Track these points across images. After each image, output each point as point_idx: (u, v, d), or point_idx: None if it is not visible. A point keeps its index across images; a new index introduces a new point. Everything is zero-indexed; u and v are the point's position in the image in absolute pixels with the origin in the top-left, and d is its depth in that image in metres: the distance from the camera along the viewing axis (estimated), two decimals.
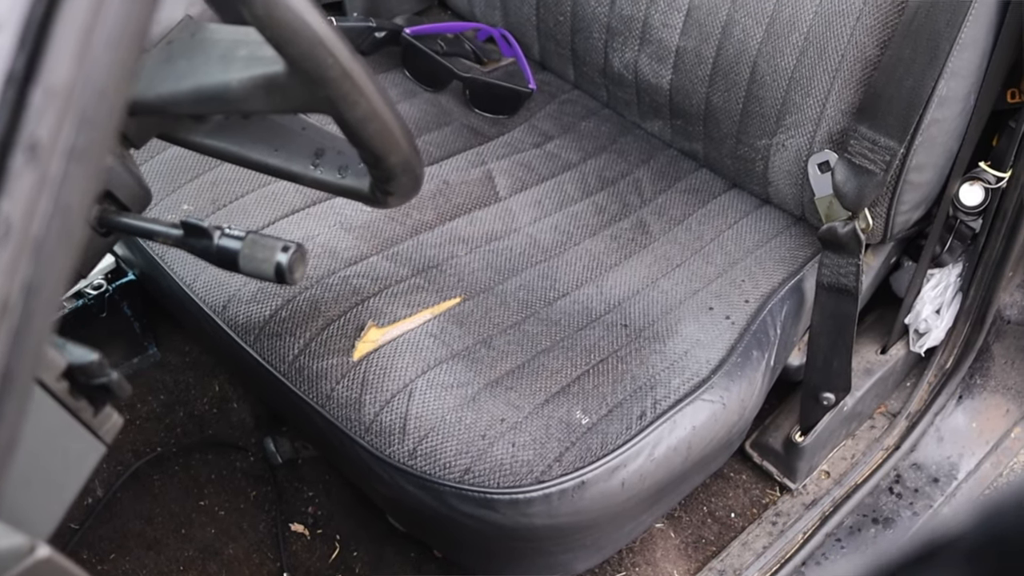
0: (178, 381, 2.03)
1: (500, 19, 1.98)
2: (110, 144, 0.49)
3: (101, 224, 1.03)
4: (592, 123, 1.91)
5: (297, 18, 0.84)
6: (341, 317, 1.47)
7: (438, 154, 1.78)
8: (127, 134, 1.08)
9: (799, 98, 1.58)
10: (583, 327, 1.52)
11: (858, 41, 1.51)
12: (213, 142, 1.13)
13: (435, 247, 1.60)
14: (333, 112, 0.92)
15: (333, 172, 1.10)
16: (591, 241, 1.67)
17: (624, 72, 1.81)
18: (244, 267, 0.98)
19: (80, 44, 0.44)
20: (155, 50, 1.04)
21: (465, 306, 1.52)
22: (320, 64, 0.87)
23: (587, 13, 1.80)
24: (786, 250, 1.69)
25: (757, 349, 1.54)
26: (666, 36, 1.71)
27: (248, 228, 1.57)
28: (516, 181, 1.76)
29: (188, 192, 1.63)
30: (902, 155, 1.51)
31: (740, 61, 1.63)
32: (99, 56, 0.45)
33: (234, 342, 1.50)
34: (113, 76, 0.46)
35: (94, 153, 0.47)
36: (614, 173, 1.81)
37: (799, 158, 1.63)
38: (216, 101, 0.98)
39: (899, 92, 1.47)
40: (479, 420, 1.36)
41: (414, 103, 1.88)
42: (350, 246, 1.57)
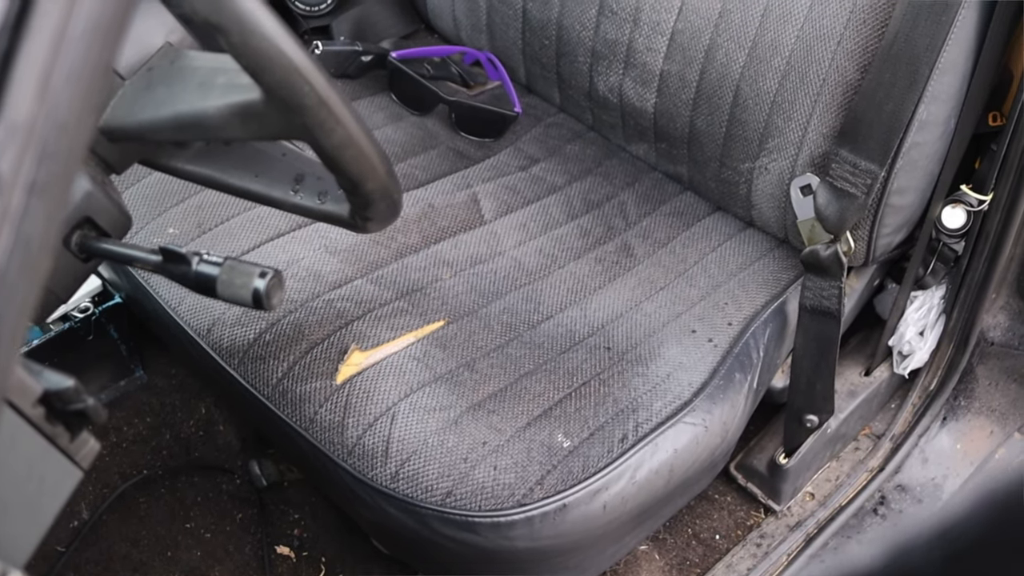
0: (164, 404, 2.03)
1: (486, 43, 1.99)
2: (73, 177, 0.50)
3: (81, 250, 1.03)
4: (577, 146, 1.92)
5: (273, 47, 0.85)
6: (325, 340, 1.47)
7: (424, 177, 1.79)
8: (108, 160, 1.08)
9: (781, 122, 1.59)
10: (566, 350, 1.52)
11: (839, 65, 1.52)
12: (194, 168, 1.14)
13: (419, 270, 1.61)
14: (310, 139, 0.93)
15: (313, 198, 1.11)
16: (575, 264, 1.68)
17: (609, 95, 1.82)
18: (222, 293, 0.99)
19: (41, 80, 0.45)
20: (135, 77, 1.05)
21: (449, 329, 1.52)
22: (296, 92, 0.88)
23: (572, 37, 1.82)
24: (769, 273, 1.70)
25: (740, 372, 1.54)
26: (650, 60, 1.72)
27: (234, 252, 1.58)
28: (501, 204, 1.76)
29: (174, 216, 1.64)
30: (883, 178, 1.52)
31: (723, 85, 1.64)
32: (60, 91, 0.46)
33: (219, 365, 1.50)
34: (74, 111, 0.47)
35: (56, 186, 0.48)
36: (599, 196, 1.82)
37: (782, 181, 1.64)
38: (194, 128, 0.99)
39: (879, 116, 1.48)
40: (461, 443, 1.36)
41: (400, 126, 1.89)
42: (335, 269, 1.57)
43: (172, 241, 1.60)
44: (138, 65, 1.05)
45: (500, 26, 1.93)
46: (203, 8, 0.84)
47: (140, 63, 1.05)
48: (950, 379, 1.88)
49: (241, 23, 0.84)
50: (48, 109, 0.46)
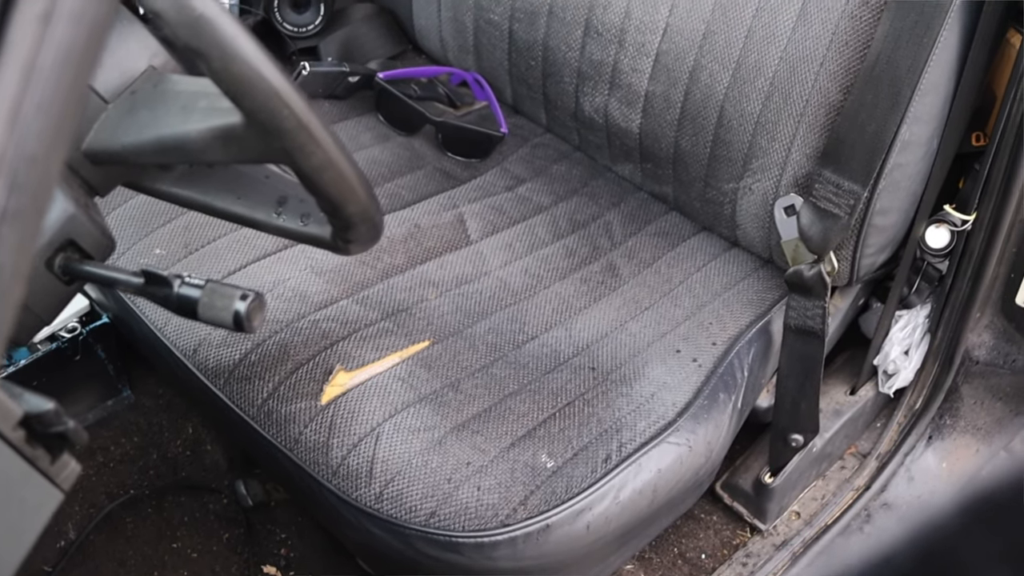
0: (151, 423, 2.04)
1: (473, 63, 2.00)
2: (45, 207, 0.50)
3: (65, 272, 1.04)
4: (564, 166, 1.93)
5: (252, 71, 0.86)
6: (310, 361, 1.48)
7: (410, 197, 1.79)
8: (92, 183, 1.09)
9: (765, 142, 1.60)
10: (551, 370, 1.53)
11: (822, 86, 1.53)
12: (178, 190, 1.15)
13: (405, 290, 1.61)
14: (290, 163, 0.93)
15: (296, 220, 1.12)
16: (561, 284, 1.69)
17: (595, 116, 1.83)
18: (203, 315, 0.99)
19: (10, 111, 0.46)
20: (119, 100, 1.05)
21: (433, 349, 1.53)
22: (276, 116, 0.88)
23: (558, 58, 1.83)
24: (754, 293, 1.71)
25: (724, 391, 1.55)
26: (635, 81, 1.73)
27: (220, 272, 1.59)
28: (487, 224, 1.77)
29: (161, 236, 1.64)
30: (866, 199, 1.53)
31: (707, 106, 1.65)
32: (30, 122, 0.46)
33: (204, 386, 1.50)
34: (44, 142, 0.47)
35: (26, 216, 0.48)
36: (585, 216, 1.83)
37: (766, 202, 1.65)
38: (176, 151, 1.00)
39: (862, 137, 1.49)
40: (445, 464, 1.36)
41: (387, 147, 1.90)
42: (320, 290, 1.58)
43: (159, 261, 1.61)
44: (121, 88, 1.05)
45: (487, 47, 1.94)
46: (184, 33, 0.85)
47: (124, 86, 1.06)
48: (935, 398, 1.89)
49: (221, 48, 0.85)
50: (17, 140, 0.46)
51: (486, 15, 1.90)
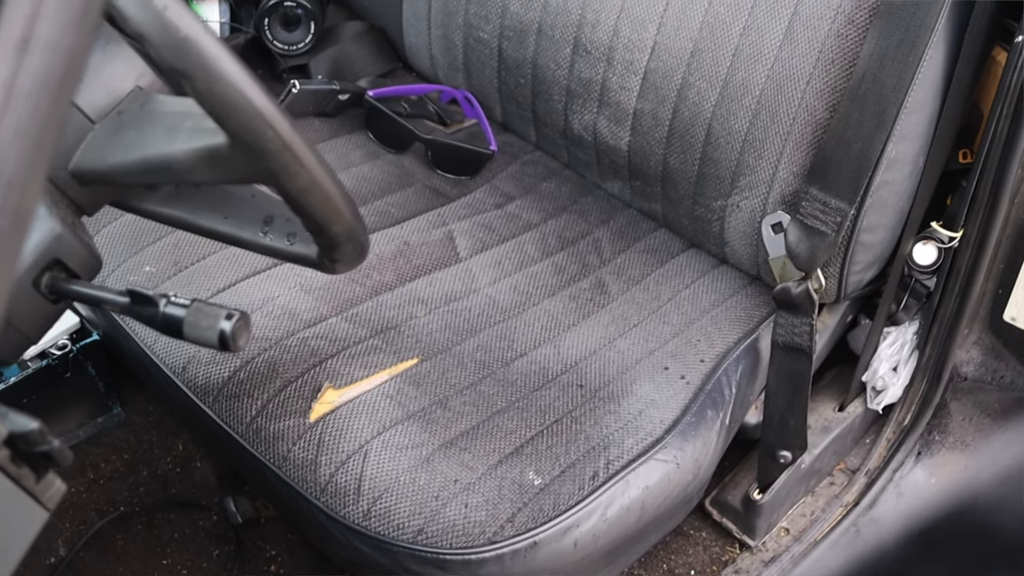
0: (142, 440, 2.04)
1: (463, 81, 2.01)
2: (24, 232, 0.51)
3: (51, 291, 1.04)
4: (553, 184, 1.93)
5: (237, 93, 0.86)
6: (298, 379, 1.48)
7: (400, 215, 1.80)
8: (79, 202, 1.09)
9: (752, 160, 1.61)
10: (539, 387, 1.53)
11: (808, 104, 1.54)
12: (165, 210, 1.15)
13: (394, 308, 1.62)
14: (275, 183, 0.94)
15: (282, 239, 1.12)
16: (550, 301, 1.69)
17: (584, 134, 1.84)
18: (188, 334, 0.99)
19: None
20: (105, 121, 1.06)
21: (422, 367, 1.53)
22: (260, 137, 0.89)
23: (547, 76, 1.83)
24: (742, 310, 1.71)
25: (712, 408, 1.55)
26: (624, 99, 1.74)
27: (210, 289, 1.59)
28: (477, 242, 1.78)
29: (151, 254, 1.64)
30: (853, 216, 1.54)
31: (695, 123, 1.66)
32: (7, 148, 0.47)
33: (193, 403, 1.51)
34: (22, 167, 0.48)
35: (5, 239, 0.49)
36: (574, 233, 1.83)
37: (753, 219, 1.65)
38: (162, 172, 1.00)
39: (848, 155, 1.49)
40: (433, 481, 1.37)
41: (377, 164, 1.90)
42: (310, 307, 1.58)
43: (149, 279, 1.61)
44: (108, 108, 1.06)
45: (476, 65, 1.95)
46: (168, 55, 0.85)
47: (110, 107, 1.06)
48: (924, 414, 1.89)
49: (206, 69, 0.85)
50: None
51: (476, 33, 1.90)
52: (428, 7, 1.97)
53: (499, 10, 1.85)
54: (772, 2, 1.56)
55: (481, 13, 1.88)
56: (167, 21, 0.84)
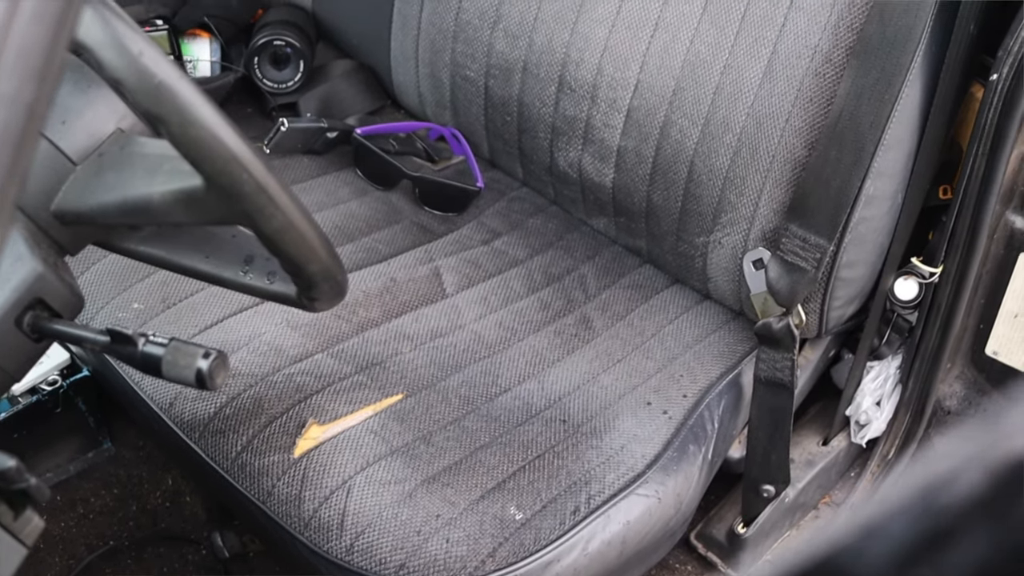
0: (131, 475, 2.05)
1: (450, 119, 2.03)
2: None
3: (33, 330, 1.06)
4: (539, 220, 1.95)
5: (212, 136, 0.88)
6: (284, 414, 1.49)
7: (387, 252, 1.82)
8: (61, 243, 1.11)
9: (734, 197, 1.63)
10: (522, 423, 1.54)
11: (787, 142, 1.56)
12: (147, 249, 1.17)
13: (380, 344, 1.63)
14: (251, 225, 0.96)
15: (262, 278, 1.14)
16: (535, 337, 1.71)
17: (569, 171, 1.86)
18: (167, 373, 1.01)
19: None
20: (86, 163, 1.08)
21: (407, 403, 1.54)
22: (235, 179, 0.91)
23: (532, 114, 1.85)
24: (725, 345, 1.73)
25: (694, 443, 1.57)
26: (607, 136, 1.76)
27: (197, 326, 1.61)
28: (463, 278, 1.79)
29: (139, 291, 1.66)
30: (832, 252, 1.56)
31: (678, 161, 1.68)
32: None
33: (180, 439, 1.52)
34: None
35: None
36: (560, 269, 1.85)
37: (735, 255, 1.67)
38: (141, 213, 1.02)
39: (827, 192, 1.51)
40: (415, 516, 1.38)
41: (365, 201, 1.92)
42: (296, 344, 1.60)
43: (137, 315, 1.63)
44: (90, 151, 1.08)
45: (463, 102, 1.97)
46: (144, 100, 0.87)
47: (91, 149, 1.08)
48: (908, 448, 1.90)
49: (180, 114, 0.87)
50: None
51: (462, 72, 1.93)
52: (416, 46, 1.99)
53: (485, 49, 1.88)
54: (752, 41, 1.58)
55: (468, 52, 1.90)
56: (142, 67, 0.86)
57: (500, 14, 1.84)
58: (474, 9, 1.87)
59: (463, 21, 1.89)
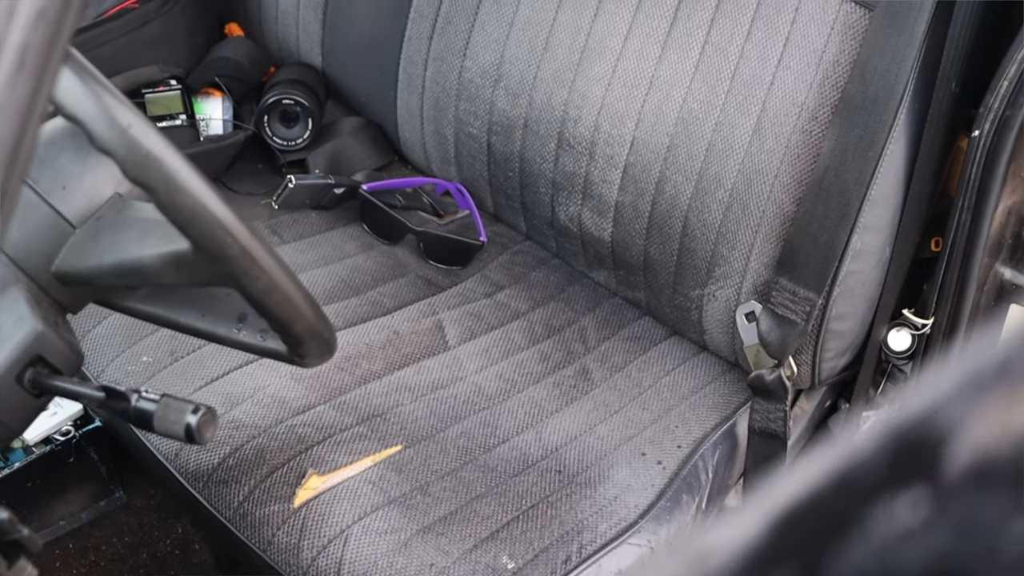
0: (142, 523, 2.09)
1: (455, 174, 2.08)
2: None
3: (34, 386, 1.10)
4: (542, 273, 1.99)
5: (197, 203, 0.93)
6: (284, 465, 1.53)
7: (391, 305, 1.86)
8: (62, 302, 1.16)
9: (726, 251, 1.67)
10: (518, 473, 1.58)
11: (776, 198, 1.60)
12: (145, 307, 1.21)
13: (381, 396, 1.67)
14: (237, 286, 1.00)
15: (255, 335, 1.18)
16: (534, 388, 1.74)
17: (569, 224, 1.90)
18: (158, 428, 1.05)
19: None
20: (85, 226, 1.12)
21: (405, 453, 1.58)
22: (220, 244, 0.95)
23: (534, 169, 1.90)
24: (720, 396, 1.76)
25: (687, 493, 1.59)
26: (605, 191, 1.80)
27: (204, 379, 1.65)
28: (465, 330, 1.83)
29: (148, 344, 1.71)
30: (821, 305, 1.59)
31: (673, 215, 1.72)
32: None
33: (185, 489, 1.56)
34: None
35: None
36: (561, 321, 1.89)
37: (728, 308, 1.70)
38: (134, 275, 1.07)
39: (815, 246, 1.55)
40: (409, 565, 1.41)
41: (371, 255, 1.97)
42: (299, 396, 1.64)
43: (146, 368, 1.68)
44: (88, 214, 1.13)
45: (467, 158, 2.02)
46: (132, 170, 0.92)
47: (90, 212, 1.13)
48: None
49: (167, 182, 0.92)
50: None
51: (465, 129, 1.98)
52: (421, 104, 2.04)
53: (487, 107, 1.92)
54: (742, 99, 1.63)
55: (470, 109, 1.95)
56: (131, 139, 0.91)
57: (501, 73, 1.89)
58: (476, 68, 1.92)
59: (466, 80, 1.94)
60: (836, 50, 1.54)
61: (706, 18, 1.67)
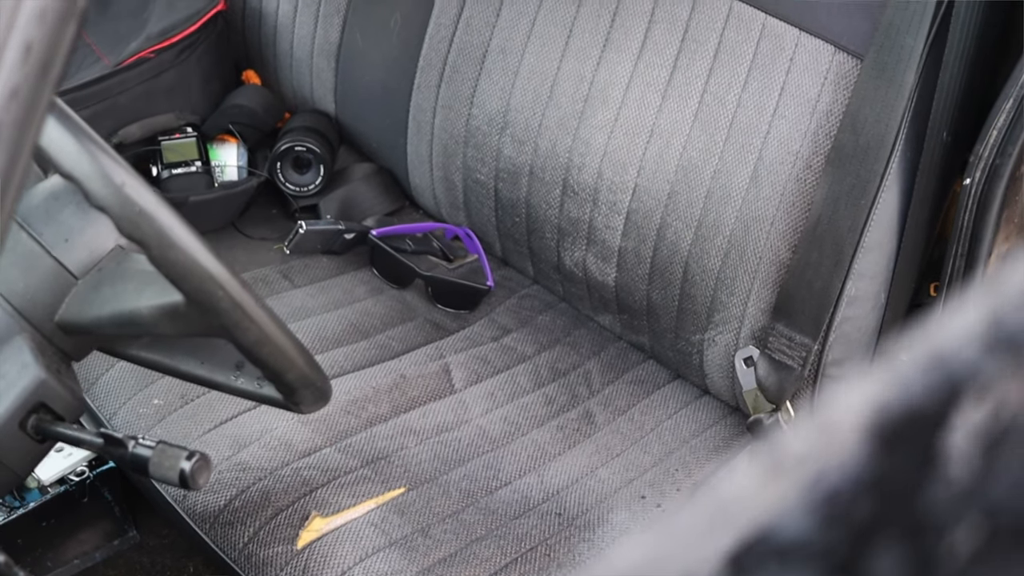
0: (155, 562, 2.12)
1: (464, 219, 2.11)
2: None
3: (37, 432, 1.14)
4: (548, 317, 2.02)
5: (188, 258, 0.97)
6: (289, 507, 1.56)
7: (399, 348, 1.89)
8: (66, 350, 1.20)
9: (725, 297, 1.69)
10: (519, 515, 1.60)
11: (773, 245, 1.62)
12: (146, 355, 1.25)
13: (386, 439, 1.70)
14: (228, 337, 1.04)
15: (252, 383, 1.22)
16: (538, 431, 1.77)
17: (575, 269, 1.93)
18: (153, 473, 1.09)
19: None
20: (87, 277, 1.16)
21: (408, 496, 1.61)
22: (211, 297, 0.99)
23: (539, 215, 1.93)
24: (720, 440, 1.78)
25: None
26: (609, 237, 1.83)
27: (213, 422, 1.69)
28: (472, 374, 1.86)
29: (159, 387, 1.74)
30: (817, 351, 1.61)
31: (674, 261, 1.75)
32: None
33: (193, 530, 1.60)
34: None
35: None
36: (566, 365, 1.92)
37: (728, 353, 1.73)
38: (132, 325, 1.11)
39: (810, 293, 1.57)
40: None
41: (380, 299, 2.00)
42: (305, 439, 1.67)
43: (157, 411, 1.71)
44: (90, 266, 1.17)
45: (475, 204, 2.05)
46: (126, 227, 0.96)
47: (92, 264, 1.17)
48: None
49: (159, 238, 0.96)
50: None
51: (473, 175, 2.01)
52: (430, 150, 2.08)
53: (494, 153, 1.96)
54: (739, 147, 1.65)
55: (478, 156, 1.99)
56: (125, 197, 0.95)
57: (507, 121, 1.93)
58: (483, 116, 1.96)
59: (473, 127, 1.98)
60: (829, 100, 1.57)
61: (704, 67, 1.70)
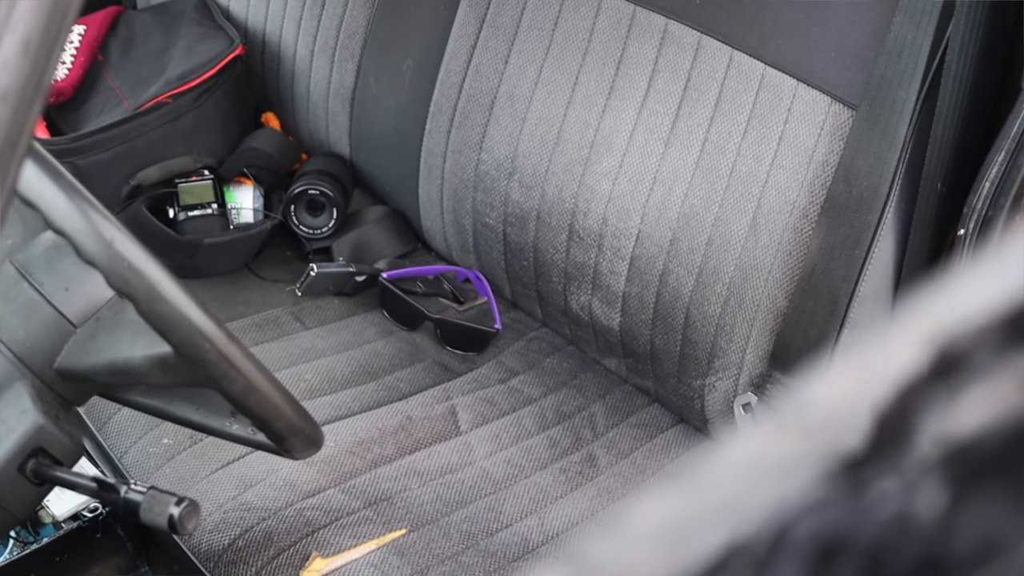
0: None
1: (474, 262, 2.14)
2: None
3: (35, 476, 1.17)
4: (556, 360, 2.04)
5: (175, 311, 1.00)
6: (291, 547, 1.59)
7: (407, 390, 1.92)
8: (65, 396, 1.23)
9: (724, 343, 1.71)
10: (517, 558, 1.62)
11: (770, 292, 1.64)
12: (144, 400, 1.28)
13: (390, 480, 1.73)
14: (216, 388, 1.07)
15: (246, 429, 1.24)
16: (541, 474, 1.79)
17: (581, 313, 1.95)
18: (144, 518, 1.12)
19: None
20: (85, 325, 1.20)
21: (409, 537, 1.63)
22: (198, 349, 1.02)
23: (546, 259, 1.96)
24: None
25: None
26: (613, 282, 1.85)
27: (220, 462, 1.71)
28: (478, 416, 1.88)
29: (169, 428, 1.77)
30: None
31: (675, 307, 1.77)
32: None
33: (198, 568, 1.62)
34: None
35: None
36: (571, 408, 1.94)
37: (728, 398, 1.75)
38: (126, 374, 1.14)
39: (805, 341, 1.59)
40: None
41: (390, 341, 2.03)
42: (310, 479, 1.70)
43: (167, 450, 1.74)
44: (88, 315, 1.20)
45: (485, 247, 2.08)
46: (115, 281, 1.00)
47: (90, 313, 1.20)
48: None
49: (147, 292, 0.99)
50: None
51: (482, 219, 2.04)
52: (440, 194, 2.12)
53: (502, 198, 1.99)
54: (739, 195, 1.68)
55: (487, 200, 2.02)
56: (114, 252, 0.99)
57: (515, 166, 1.96)
58: (492, 161, 1.99)
59: (482, 172, 2.02)
60: (825, 150, 1.59)
61: (706, 116, 1.73)
